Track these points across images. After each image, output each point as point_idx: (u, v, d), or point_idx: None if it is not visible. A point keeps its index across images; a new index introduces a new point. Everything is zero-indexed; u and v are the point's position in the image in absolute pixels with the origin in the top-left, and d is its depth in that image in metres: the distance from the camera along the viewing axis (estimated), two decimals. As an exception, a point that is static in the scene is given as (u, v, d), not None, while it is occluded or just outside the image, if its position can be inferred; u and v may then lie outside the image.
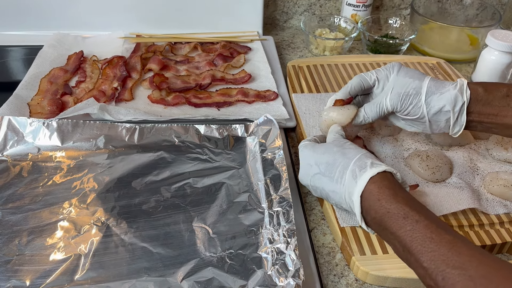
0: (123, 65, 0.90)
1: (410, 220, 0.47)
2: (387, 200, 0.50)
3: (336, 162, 0.56)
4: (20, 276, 0.53)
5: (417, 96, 0.61)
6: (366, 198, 0.51)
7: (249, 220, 0.61)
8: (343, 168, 0.54)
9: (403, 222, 0.47)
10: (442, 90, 0.61)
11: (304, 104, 0.82)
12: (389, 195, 0.50)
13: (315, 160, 0.58)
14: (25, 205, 0.62)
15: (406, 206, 0.48)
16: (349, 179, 0.53)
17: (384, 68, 0.66)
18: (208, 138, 0.73)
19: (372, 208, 0.51)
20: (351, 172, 0.53)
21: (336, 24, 1.10)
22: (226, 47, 0.99)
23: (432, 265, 0.43)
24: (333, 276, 0.58)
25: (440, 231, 0.45)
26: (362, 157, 0.54)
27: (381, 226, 0.50)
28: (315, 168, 0.58)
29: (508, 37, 0.88)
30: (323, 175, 0.57)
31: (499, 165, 0.71)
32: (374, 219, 0.51)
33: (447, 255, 0.42)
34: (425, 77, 0.63)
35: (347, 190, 0.54)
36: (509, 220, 0.62)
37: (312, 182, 0.59)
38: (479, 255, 0.42)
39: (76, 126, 0.72)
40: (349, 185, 0.53)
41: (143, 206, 0.63)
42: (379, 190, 0.51)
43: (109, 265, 0.55)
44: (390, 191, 0.50)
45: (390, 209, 0.49)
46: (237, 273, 0.54)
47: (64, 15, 1.01)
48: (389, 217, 0.48)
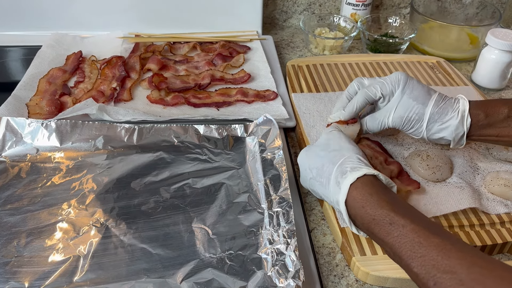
0: (122, 65, 0.89)
1: (396, 225, 0.46)
2: (371, 207, 0.49)
3: (324, 168, 0.56)
4: (19, 278, 0.53)
5: (419, 122, 0.62)
6: (351, 206, 0.52)
7: (248, 220, 0.60)
8: (328, 174, 0.55)
9: (390, 228, 0.47)
10: (444, 119, 0.61)
11: (304, 104, 0.82)
12: (373, 202, 0.50)
13: (308, 165, 0.59)
14: (23, 206, 0.62)
15: (391, 212, 0.48)
16: (333, 186, 0.54)
17: (390, 82, 0.64)
18: (207, 138, 0.73)
19: (358, 215, 0.51)
20: (335, 179, 0.54)
21: (335, 23, 1.10)
22: (225, 46, 0.99)
23: (423, 270, 0.42)
24: (333, 277, 0.57)
25: (428, 234, 0.44)
26: (344, 161, 0.54)
27: (369, 232, 0.50)
28: (309, 173, 0.59)
29: (508, 36, 0.87)
30: (315, 180, 0.58)
31: (500, 164, 0.70)
32: (362, 225, 0.51)
33: (436, 259, 0.42)
34: (429, 100, 0.62)
35: (333, 197, 0.54)
36: (510, 220, 0.62)
37: (310, 186, 0.60)
38: (470, 257, 0.41)
39: (74, 126, 0.72)
40: (334, 191, 0.54)
41: (142, 207, 0.62)
42: (362, 196, 0.51)
43: (108, 266, 0.54)
44: (373, 197, 0.50)
45: (375, 216, 0.48)
46: (237, 274, 0.54)
47: (62, 15, 1.01)
48: (375, 224, 0.48)
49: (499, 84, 0.93)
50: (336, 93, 0.85)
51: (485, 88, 0.94)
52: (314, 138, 0.74)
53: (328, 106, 0.81)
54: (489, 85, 0.93)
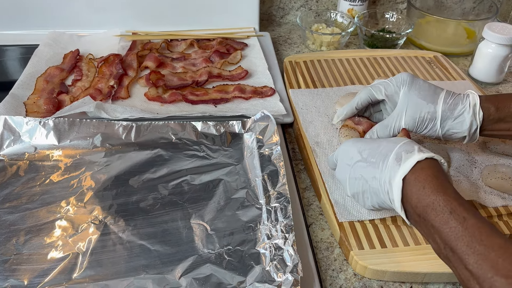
0: (119, 63, 0.89)
1: (457, 215, 0.43)
2: (433, 190, 0.46)
3: (381, 146, 0.53)
4: (18, 276, 0.53)
5: (432, 121, 0.62)
6: (410, 184, 0.48)
7: (247, 216, 0.61)
8: (387, 151, 0.52)
9: (449, 217, 0.43)
10: (456, 114, 0.61)
11: (301, 100, 0.82)
12: (436, 185, 0.46)
13: (357, 148, 0.56)
14: (22, 204, 0.62)
15: (453, 200, 0.45)
16: (392, 162, 0.50)
17: (394, 83, 0.64)
18: (205, 135, 0.73)
19: (415, 196, 0.47)
20: (395, 155, 0.50)
21: (332, 19, 1.10)
22: (222, 43, 0.99)
23: (479, 270, 0.39)
24: (331, 271, 0.58)
25: (491, 233, 0.41)
26: (409, 142, 0.52)
27: (421, 217, 0.46)
28: (357, 156, 0.55)
29: (505, 30, 0.88)
30: (365, 161, 0.54)
31: (497, 158, 0.71)
32: (416, 208, 0.47)
33: (497, 261, 0.38)
34: (438, 98, 0.62)
35: (388, 174, 0.50)
36: (507, 213, 0.62)
37: (352, 173, 0.56)
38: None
39: (72, 124, 0.72)
40: (392, 168, 0.50)
41: (140, 204, 0.62)
42: (425, 177, 0.47)
43: (107, 263, 0.55)
44: (437, 180, 0.47)
45: (435, 200, 0.45)
46: (235, 269, 0.54)
47: (59, 13, 1.00)
48: (433, 208, 0.45)
49: (496, 78, 0.93)
50: (333, 88, 0.85)
51: (482, 82, 0.94)
52: (312, 133, 0.75)
53: (325, 102, 0.82)
54: (486, 79, 0.94)
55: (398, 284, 0.57)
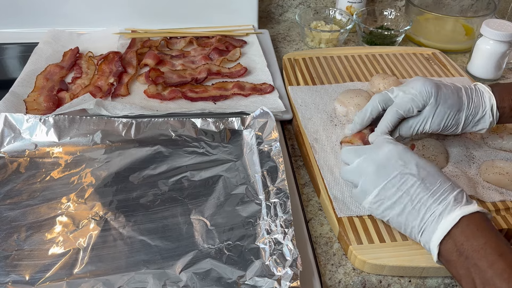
0: (119, 60, 0.90)
1: (505, 258, 0.45)
2: (486, 233, 0.48)
3: (440, 179, 0.53)
4: (20, 271, 0.53)
5: (455, 126, 0.64)
6: (463, 224, 0.49)
7: (246, 211, 0.61)
8: (448, 189, 0.52)
9: (497, 259, 0.45)
10: (477, 118, 0.64)
11: (300, 97, 0.83)
12: (489, 229, 0.49)
13: (416, 162, 0.54)
14: (23, 201, 0.62)
15: (504, 245, 0.47)
16: (452, 200, 0.51)
17: (420, 97, 0.62)
18: (204, 132, 0.74)
19: (465, 235, 0.48)
20: (457, 196, 0.51)
21: (331, 17, 1.10)
22: (221, 41, 0.99)
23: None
24: (330, 266, 0.58)
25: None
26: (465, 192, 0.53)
27: (463, 256, 0.47)
28: (413, 169, 0.53)
29: (503, 26, 0.88)
30: (421, 181, 0.52)
31: (495, 153, 0.71)
32: (461, 246, 0.48)
33: None
34: (462, 105, 0.63)
35: (443, 209, 0.50)
36: (505, 208, 0.63)
37: (396, 181, 0.53)
38: None
39: (72, 121, 0.72)
40: (450, 205, 0.50)
41: (140, 200, 0.63)
42: (480, 221, 0.49)
43: (107, 258, 0.55)
44: (490, 226, 0.49)
45: (487, 242, 0.47)
46: (235, 264, 0.54)
47: (59, 11, 1.01)
48: (483, 248, 0.46)
49: (494, 74, 0.93)
50: (332, 85, 0.86)
51: (480, 78, 0.94)
52: (310, 130, 0.75)
53: (324, 99, 0.82)
54: (485, 76, 0.94)
55: (397, 278, 0.57)
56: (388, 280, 0.57)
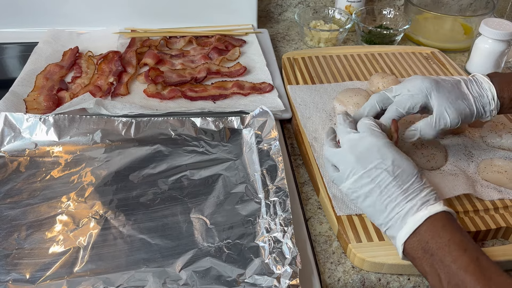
0: (119, 60, 0.90)
1: (470, 254, 0.46)
2: (452, 231, 0.49)
3: (414, 178, 0.53)
4: (20, 270, 0.54)
5: (471, 114, 0.62)
6: (429, 222, 0.50)
7: (246, 210, 0.61)
8: (418, 188, 0.52)
9: (462, 254, 0.46)
10: (484, 102, 0.63)
11: (300, 96, 0.83)
12: (455, 227, 0.50)
13: (393, 159, 0.54)
14: (23, 200, 0.62)
15: (469, 242, 0.48)
16: (420, 200, 0.52)
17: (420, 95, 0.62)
18: (204, 131, 0.74)
19: (430, 233, 0.49)
20: (426, 195, 0.52)
21: (330, 16, 1.11)
22: (221, 40, 1.00)
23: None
24: (330, 264, 0.58)
25: (500, 273, 0.45)
26: (435, 191, 0.54)
27: (428, 253, 0.49)
28: (389, 165, 0.54)
29: (502, 25, 0.88)
30: (393, 177, 0.53)
31: (493, 151, 0.71)
32: (426, 243, 0.49)
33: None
34: (466, 94, 0.63)
35: (410, 207, 0.51)
36: (504, 206, 0.63)
37: (371, 173, 0.54)
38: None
39: (72, 121, 0.73)
40: (417, 205, 0.51)
41: (140, 199, 0.63)
42: (446, 220, 0.50)
43: (108, 257, 0.55)
44: (455, 224, 0.51)
45: (451, 238, 0.48)
46: (234, 262, 0.54)
47: (58, 11, 1.01)
48: (448, 245, 0.48)
49: (493, 73, 0.94)
50: (331, 84, 0.86)
51: (479, 77, 0.95)
52: (310, 129, 0.75)
53: (323, 98, 0.82)
54: (483, 75, 0.94)
55: (396, 277, 0.57)
56: (387, 278, 0.57)
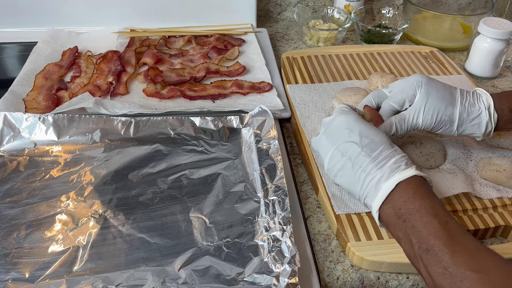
0: (118, 59, 0.90)
1: (440, 219, 0.47)
2: (422, 196, 0.49)
3: (383, 145, 0.54)
4: (19, 269, 0.54)
5: (449, 123, 0.62)
6: (400, 188, 0.51)
7: (245, 209, 0.61)
8: (388, 155, 0.53)
9: (432, 219, 0.47)
10: (472, 116, 0.62)
11: (299, 95, 0.83)
12: (426, 192, 0.50)
13: (360, 130, 0.56)
14: (22, 199, 0.62)
15: (439, 206, 0.49)
16: (390, 166, 0.52)
17: (409, 87, 0.63)
18: (203, 130, 0.74)
19: (402, 199, 0.50)
20: (396, 162, 0.53)
21: (329, 15, 1.11)
22: (220, 39, 1.00)
23: (453, 265, 0.43)
24: (329, 263, 0.58)
25: (468, 237, 0.45)
26: (407, 157, 0.54)
27: (401, 219, 0.49)
28: (356, 137, 0.55)
29: (500, 24, 0.88)
30: (362, 148, 0.54)
31: (492, 150, 0.71)
32: (399, 210, 0.50)
33: (470, 258, 0.43)
34: (455, 100, 0.62)
35: (381, 175, 0.52)
36: (502, 204, 0.63)
37: (342, 148, 0.56)
38: (501, 262, 0.42)
39: (72, 120, 0.73)
40: (388, 171, 0.52)
41: (140, 198, 0.63)
42: (417, 186, 0.51)
43: (107, 256, 0.55)
44: (426, 189, 0.51)
45: (423, 204, 0.48)
46: (234, 261, 0.55)
47: (57, 11, 1.01)
48: (419, 211, 0.48)
49: (492, 72, 0.94)
50: (330, 83, 0.86)
51: (478, 76, 0.95)
52: (309, 128, 0.75)
53: (323, 97, 0.82)
54: (482, 74, 0.94)
55: (395, 275, 0.57)
56: (386, 277, 0.57)
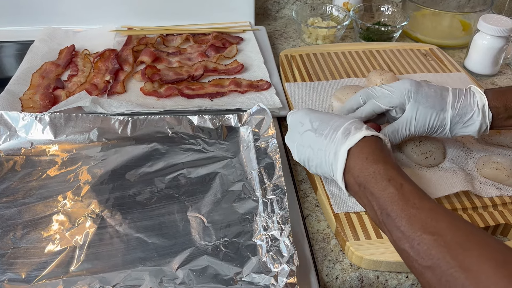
0: (115, 58, 0.89)
1: (395, 182, 0.47)
2: (375, 160, 0.50)
3: (332, 121, 0.56)
4: (16, 269, 0.53)
5: (442, 127, 0.62)
6: (354, 155, 0.51)
7: (243, 208, 0.61)
8: (337, 126, 0.55)
9: (387, 184, 0.47)
10: (465, 119, 0.61)
11: (297, 93, 0.82)
12: (379, 156, 0.50)
13: (309, 118, 0.58)
14: (19, 199, 0.62)
15: (393, 169, 0.49)
16: (340, 136, 0.54)
17: (398, 95, 0.62)
18: (201, 129, 0.73)
19: (358, 167, 0.51)
20: (344, 130, 0.54)
21: (328, 13, 1.10)
22: (218, 38, 0.99)
23: (410, 229, 0.43)
24: (328, 262, 0.58)
25: (423, 198, 0.45)
26: (358, 121, 0.55)
27: (361, 187, 0.50)
28: (308, 125, 0.58)
29: (500, 22, 0.88)
30: (315, 131, 0.57)
31: (492, 148, 0.71)
32: (357, 178, 0.50)
33: (425, 221, 0.43)
34: (446, 103, 0.61)
35: (335, 146, 0.53)
36: (502, 203, 0.63)
37: (300, 140, 0.59)
38: (457, 223, 0.42)
39: (68, 119, 0.72)
40: (339, 141, 0.53)
41: (137, 198, 0.63)
42: (369, 150, 0.51)
43: (104, 256, 0.55)
44: (380, 153, 0.51)
45: (376, 169, 0.49)
46: (232, 261, 0.54)
47: (54, 9, 1.00)
48: (374, 177, 0.48)
49: (491, 70, 0.93)
50: (329, 81, 0.85)
51: (477, 74, 0.94)
52: (307, 126, 0.75)
53: (321, 95, 0.82)
54: (482, 71, 0.94)
55: (394, 274, 0.57)
56: (385, 276, 0.57)
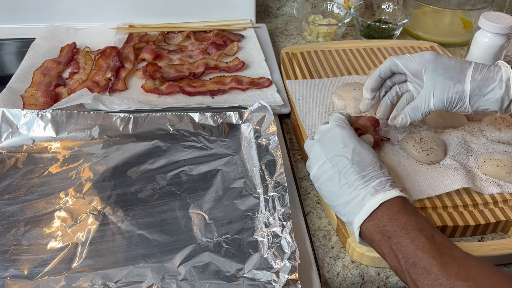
0: (116, 55, 0.89)
1: (426, 233, 0.48)
2: (406, 213, 0.51)
3: (371, 166, 0.55)
4: (18, 266, 0.53)
5: (461, 100, 0.61)
6: (385, 207, 0.52)
7: (245, 205, 0.61)
8: (373, 175, 0.54)
9: (418, 234, 0.48)
10: (486, 91, 0.60)
11: (298, 90, 0.83)
12: (410, 210, 0.51)
13: (353, 147, 0.57)
14: (21, 196, 0.62)
15: (424, 222, 0.50)
16: (374, 186, 0.53)
17: (416, 60, 0.63)
18: (202, 126, 0.73)
19: (387, 217, 0.51)
20: (379, 183, 0.54)
21: (329, 11, 1.10)
22: (219, 35, 0.99)
23: (443, 276, 0.44)
24: (329, 258, 0.58)
25: (453, 247, 0.47)
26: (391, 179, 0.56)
27: (385, 236, 0.50)
28: (349, 153, 0.56)
29: (501, 19, 0.88)
30: (351, 163, 0.55)
31: (493, 145, 0.71)
32: (383, 227, 0.50)
33: (458, 269, 0.44)
34: (465, 75, 0.60)
35: (364, 193, 0.53)
36: (503, 200, 0.63)
37: (332, 160, 0.57)
38: (490, 268, 0.44)
39: (70, 116, 0.72)
40: (371, 191, 0.53)
41: (139, 194, 0.63)
42: (401, 204, 0.52)
43: (106, 252, 0.55)
44: (411, 207, 0.53)
45: (408, 220, 0.50)
46: (233, 257, 0.54)
47: (55, 7, 1.00)
48: (404, 227, 0.49)
49: (492, 67, 0.93)
50: (330, 79, 0.86)
51: (478, 71, 0.94)
52: (308, 124, 0.75)
53: (322, 92, 0.82)
54: (483, 69, 0.94)
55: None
56: (386, 272, 0.57)
